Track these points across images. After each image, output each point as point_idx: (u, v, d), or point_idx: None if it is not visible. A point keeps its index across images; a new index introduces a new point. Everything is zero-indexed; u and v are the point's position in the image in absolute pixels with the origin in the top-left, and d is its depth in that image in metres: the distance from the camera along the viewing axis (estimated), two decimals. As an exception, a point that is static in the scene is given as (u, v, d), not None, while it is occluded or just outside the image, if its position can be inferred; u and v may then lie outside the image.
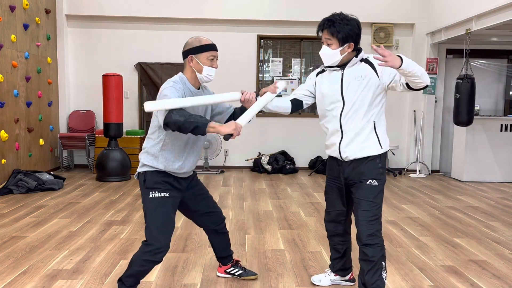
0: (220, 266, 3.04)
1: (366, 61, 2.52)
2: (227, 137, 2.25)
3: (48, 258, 3.38)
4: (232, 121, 2.29)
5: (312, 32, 7.86)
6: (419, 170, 7.76)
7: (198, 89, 2.65)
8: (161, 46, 7.82)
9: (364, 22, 7.78)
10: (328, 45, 2.49)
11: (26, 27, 6.41)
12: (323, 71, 2.68)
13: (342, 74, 2.52)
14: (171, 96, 2.34)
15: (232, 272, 3.01)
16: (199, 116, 2.25)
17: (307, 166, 8.10)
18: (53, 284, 2.90)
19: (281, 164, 7.70)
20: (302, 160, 8.06)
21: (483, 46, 7.95)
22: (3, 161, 5.79)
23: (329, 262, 3.02)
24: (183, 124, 2.21)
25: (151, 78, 7.80)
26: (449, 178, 7.53)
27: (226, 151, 8.03)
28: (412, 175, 7.68)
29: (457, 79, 6.54)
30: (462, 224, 4.56)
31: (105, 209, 4.89)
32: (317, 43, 7.94)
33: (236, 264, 3.02)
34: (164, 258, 3.41)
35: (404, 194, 6.07)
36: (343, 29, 2.44)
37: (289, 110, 2.72)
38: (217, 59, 2.56)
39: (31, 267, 3.19)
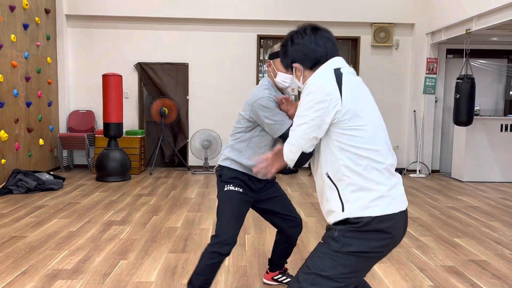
0: (267, 272, 2.99)
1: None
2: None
3: (48, 258, 3.37)
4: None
5: (312, 32, 7.85)
6: (419, 170, 7.76)
7: (282, 93, 2.59)
8: (161, 46, 7.81)
9: (364, 22, 7.82)
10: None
11: (26, 27, 6.41)
12: None
13: None
14: (273, 108, 2.35)
15: (280, 279, 2.97)
16: None
17: (307, 166, 8.09)
18: (53, 284, 2.90)
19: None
20: (302, 160, 8.05)
21: (483, 46, 7.95)
22: (3, 161, 5.79)
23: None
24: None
25: (151, 78, 7.80)
26: (449, 178, 7.53)
27: (226, 151, 8.02)
28: (412, 175, 7.68)
29: (457, 79, 6.54)
30: (462, 224, 4.55)
31: (105, 209, 4.89)
32: (317, 43, 7.92)
33: (285, 272, 2.98)
34: (164, 258, 3.42)
35: (404, 194, 6.07)
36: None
37: None
38: None
39: (31, 267, 3.19)
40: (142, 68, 7.80)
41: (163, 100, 7.61)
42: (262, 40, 8.05)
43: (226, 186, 2.50)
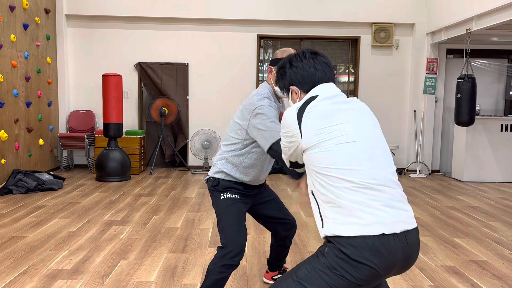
0: (267, 272, 2.99)
1: None
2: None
3: (48, 258, 3.37)
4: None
5: (312, 32, 7.86)
6: (419, 170, 7.76)
7: (279, 101, 2.52)
8: (161, 46, 7.81)
9: (364, 22, 7.82)
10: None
11: (25, 27, 6.41)
12: None
13: None
14: (271, 116, 2.26)
15: None
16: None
17: (307, 166, 8.08)
18: (53, 284, 2.90)
19: (281, 164, 7.69)
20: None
21: (483, 46, 7.95)
22: (3, 161, 5.79)
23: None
24: (283, 162, 2.10)
25: (151, 78, 7.80)
26: (449, 178, 7.53)
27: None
28: (412, 175, 7.68)
29: (458, 78, 6.54)
30: (462, 224, 4.55)
31: (104, 209, 4.89)
32: (318, 43, 7.94)
33: (284, 271, 2.98)
34: (164, 258, 3.42)
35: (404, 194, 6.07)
36: None
37: None
38: None
39: (30, 267, 3.19)
40: (142, 68, 7.80)
41: (163, 100, 7.61)
42: (262, 40, 8.05)
43: (222, 194, 2.42)
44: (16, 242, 3.73)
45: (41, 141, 6.90)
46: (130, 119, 7.92)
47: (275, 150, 2.20)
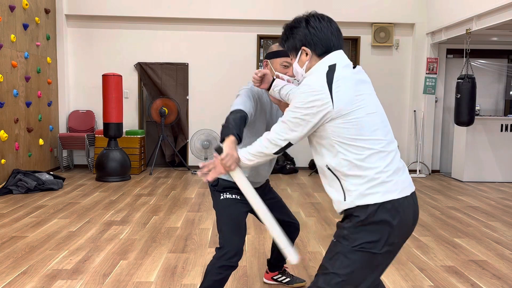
0: (267, 272, 2.99)
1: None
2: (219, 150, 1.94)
3: (48, 258, 3.37)
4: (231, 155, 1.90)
5: (312, 32, 7.86)
6: (419, 170, 7.76)
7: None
8: (161, 46, 7.81)
9: (364, 22, 7.82)
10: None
11: (25, 27, 6.40)
12: None
13: None
14: (243, 96, 2.19)
15: (279, 279, 2.96)
16: (236, 123, 2.01)
17: (307, 166, 8.09)
18: (53, 284, 2.90)
19: (281, 164, 7.70)
20: (302, 160, 8.06)
21: (483, 46, 7.95)
22: (3, 161, 5.79)
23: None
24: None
25: (151, 78, 7.80)
26: (449, 178, 7.53)
27: (226, 151, 8.02)
28: (412, 175, 7.68)
29: (458, 78, 6.54)
30: (462, 224, 4.55)
31: (104, 209, 4.89)
32: (317, 43, 7.93)
33: (284, 271, 2.97)
34: (164, 258, 3.42)
35: (404, 194, 6.06)
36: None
37: None
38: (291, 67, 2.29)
39: (30, 267, 3.19)
40: (142, 68, 7.80)
41: (163, 100, 7.61)
42: (262, 40, 8.05)
43: (222, 194, 2.39)
44: (16, 242, 3.73)
45: (41, 141, 6.90)
46: (130, 119, 7.92)
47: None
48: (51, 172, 6.22)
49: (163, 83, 7.78)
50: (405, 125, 8.12)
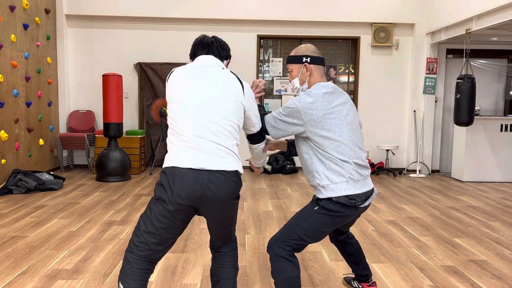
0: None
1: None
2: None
3: (48, 258, 3.37)
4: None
5: (312, 32, 7.87)
6: (419, 170, 7.76)
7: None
8: (161, 46, 7.82)
9: (364, 22, 7.83)
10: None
11: (26, 27, 6.41)
12: None
13: None
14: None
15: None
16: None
17: (307, 166, 8.08)
18: (53, 284, 2.90)
19: (281, 164, 7.70)
20: (302, 160, 8.05)
21: (483, 46, 7.95)
22: (3, 161, 5.79)
23: (328, 262, 3.02)
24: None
25: (151, 78, 7.80)
26: (449, 178, 7.53)
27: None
28: (412, 175, 7.68)
29: (458, 79, 6.54)
30: (462, 224, 4.55)
31: (105, 209, 4.89)
32: (318, 43, 7.94)
33: (373, 284, 2.88)
34: (164, 258, 3.42)
35: (404, 194, 6.07)
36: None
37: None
38: (291, 73, 2.43)
39: (31, 267, 3.19)
40: (142, 68, 7.80)
41: (163, 100, 7.61)
42: (262, 40, 8.06)
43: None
44: (16, 242, 3.73)
45: (41, 141, 6.91)
46: (130, 119, 7.92)
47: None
48: (51, 172, 6.23)
49: (163, 83, 7.78)
50: (405, 125, 8.13)
